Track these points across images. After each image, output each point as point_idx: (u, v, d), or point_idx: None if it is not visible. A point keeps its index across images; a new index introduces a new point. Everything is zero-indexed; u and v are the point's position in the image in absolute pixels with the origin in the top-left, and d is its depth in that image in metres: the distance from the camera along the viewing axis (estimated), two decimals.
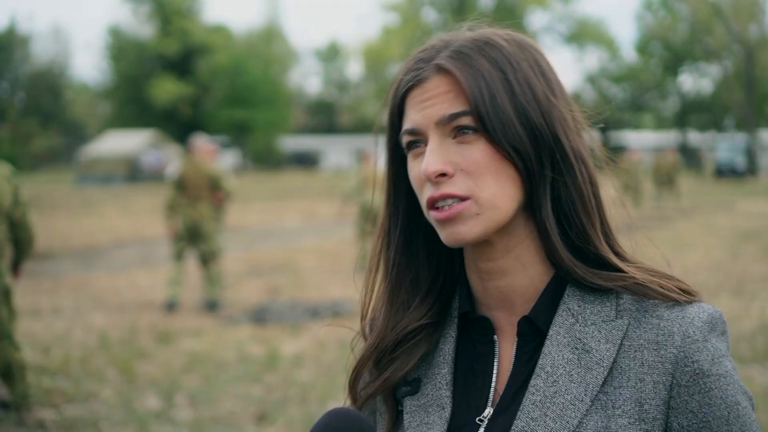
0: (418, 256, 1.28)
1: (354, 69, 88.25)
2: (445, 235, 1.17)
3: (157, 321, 9.12)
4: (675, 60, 55.39)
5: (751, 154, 43.35)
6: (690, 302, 1.16)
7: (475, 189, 1.15)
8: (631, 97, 58.10)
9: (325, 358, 7.40)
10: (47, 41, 74.15)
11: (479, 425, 1.19)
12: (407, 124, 1.21)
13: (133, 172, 43.25)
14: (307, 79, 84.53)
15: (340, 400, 6.11)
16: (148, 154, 44.95)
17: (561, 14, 57.37)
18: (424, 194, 1.18)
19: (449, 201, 1.15)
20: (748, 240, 15.47)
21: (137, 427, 5.66)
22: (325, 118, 76.29)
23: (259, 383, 6.65)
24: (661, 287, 1.16)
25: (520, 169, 1.17)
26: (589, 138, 1.25)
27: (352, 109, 74.02)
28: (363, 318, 1.34)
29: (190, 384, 6.66)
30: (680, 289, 1.18)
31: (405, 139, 1.21)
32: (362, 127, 70.51)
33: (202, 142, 10.35)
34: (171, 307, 9.76)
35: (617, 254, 1.22)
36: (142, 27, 60.61)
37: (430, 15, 58.58)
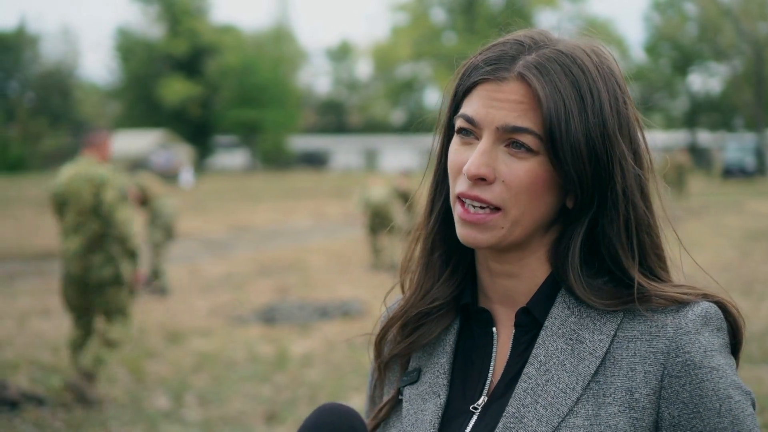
0: (453, 230, 1.28)
1: (363, 69, 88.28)
2: (462, 233, 1.20)
3: (166, 321, 9.14)
4: (684, 60, 55.22)
5: (760, 154, 43.16)
6: (690, 301, 1.17)
7: (508, 204, 1.17)
8: (640, 97, 57.83)
9: (334, 357, 7.40)
10: (56, 41, 74.30)
11: (473, 413, 1.22)
12: (467, 111, 1.21)
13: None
14: (317, 79, 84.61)
15: (349, 399, 6.13)
16: (157, 154, 45.07)
17: (570, 14, 57.33)
18: (457, 185, 1.20)
19: (477, 204, 1.17)
20: (757, 240, 15.43)
21: (146, 426, 5.67)
22: (334, 117, 76.26)
23: (268, 383, 6.66)
24: (661, 297, 1.17)
25: (575, 196, 1.18)
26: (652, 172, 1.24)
27: (362, 108, 74.01)
28: (401, 273, 1.38)
29: (199, 384, 6.67)
30: (690, 294, 1.19)
31: (458, 123, 1.22)
32: (371, 127, 70.50)
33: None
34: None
35: (659, 280, 1.22)
36: (151, 27, 60.71)
37: (439, 15, 58.54)
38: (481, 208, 1.18)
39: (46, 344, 7.96)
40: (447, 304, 1.30)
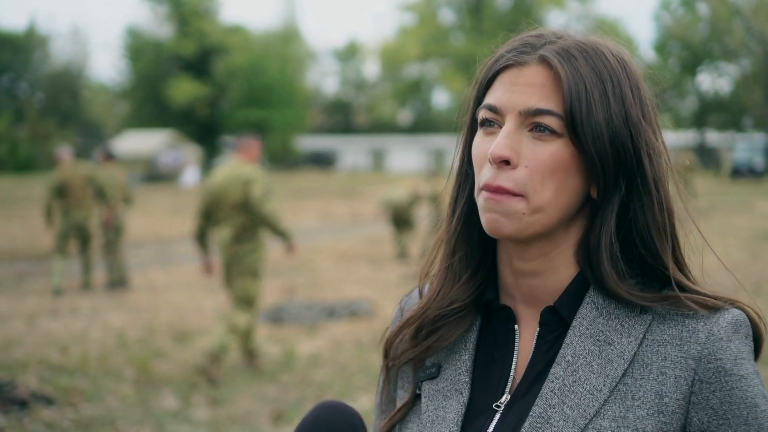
0: (475, 230, 1.28)
1: (371, 69, 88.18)
2: (486, 220, 1.19)
3: (174, 320, 9.16)
4: (693, 59, 55.11)
5: None
6: (719, 307, 1.18)
7: (530, 189, 1.16)
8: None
9: (341, 357, 7.41)
10: (66, 41, 74.66)
11: (496, 411, 1.21)
12: (490, 99, 1.21)
13: (150, 172, 43.41)
14: (324, 79, 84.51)
15: (357, 399, 6.13)
16: (165, 154, 45.16)
17: (578, 14, 57.27)
18: (482, 175, 1.19)
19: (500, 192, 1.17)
20: (766, 240, 15.39)
21: (154, 426, 5.68)
22: (341, 117, 76.27)
23: (275, 383, 6.67)
24: (697, 302, 1.17)
25: (598, 183, 1.18)
26: (672, 165, 1.25)
27: (369, 108, 74.00)
28: (422, 277, 1.37)
29: (206, 383, 6.68)
30: (720, 300, 1.19)
31: (482, 114, 1.21)
32: (379, 127, 70.49)
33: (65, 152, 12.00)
34: (58, 292, 11.02)
35: (686, 276, 1.23)
36: (159, 27, 60.78)
37: (446, 15, 58.53)
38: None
39: (54, 344, 7.98)
40: (466, 306, 1.29)
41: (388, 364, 1.35)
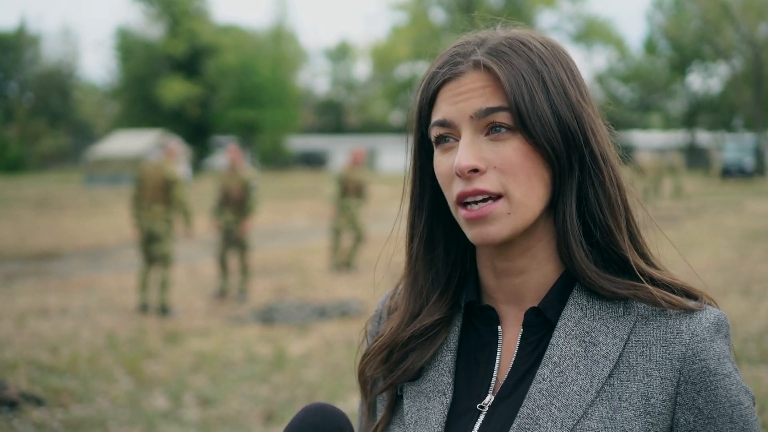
0: (438, 250, 1.29)
1: (362, 69, 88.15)
2: (473, 235, 1.18)
3: (164, 321, 9.14)
4: (683, 60, 55.25)
5: (759, 154, 43.18)
6: (697, 309, 1.18)
7: (508, 187, 1.16)
8: (639, 97, 58.01)
9: (332, 358, 7.40)
10: (56, 41, 74.41)
11: (480, 412, 1.21)
12: (438, 116, 1.20)
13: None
14: (315, 79, 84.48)
15: (348, 399, 6.13)
16: (155, 154, 45.04)
17: (569, 14, 57.32)
18: (454, 189, 1.18)
19: (479, 198, 1.16)
20: (756, 240, 15.43)
21: (145, 426, 5.67)
22: (332, 118, 76.22)
23: (266, 383, 6.66)
24: (672, 302, 1.18)
25: (554, 169, 1.18)
26: (615, 142, 1.26)
27: (360, 109, 73.98)
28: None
29: (197, 384, 6.67)
30: (690, 296, 1.21)
31: (434, 132, 1.21)
32: (370, 127, 70.48)
33: (173, 143, 10.80)
34: (144, 309, 9.78)
35: (643, 256, 1.24)
36: (150, 27, 60.65)
37: (438, 15, 58.54)
38: (483, 201, 1.16)
39: (44, 344, 7.95)
40: (439, 324, 1.28)
41: (367, 394, 1.34)
